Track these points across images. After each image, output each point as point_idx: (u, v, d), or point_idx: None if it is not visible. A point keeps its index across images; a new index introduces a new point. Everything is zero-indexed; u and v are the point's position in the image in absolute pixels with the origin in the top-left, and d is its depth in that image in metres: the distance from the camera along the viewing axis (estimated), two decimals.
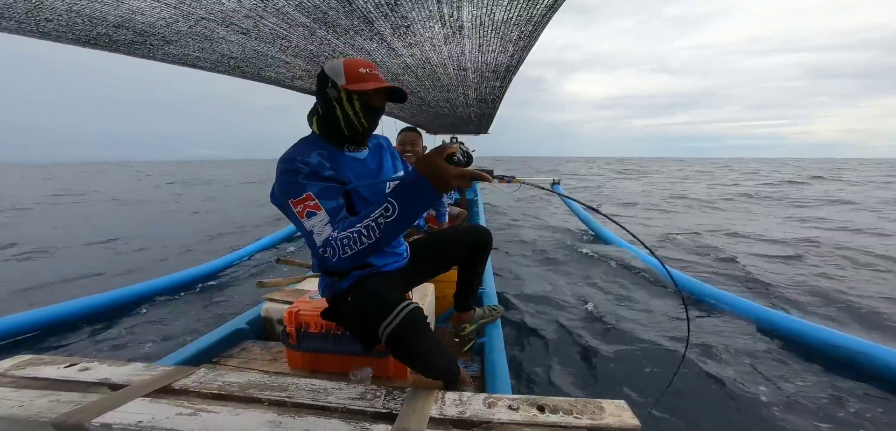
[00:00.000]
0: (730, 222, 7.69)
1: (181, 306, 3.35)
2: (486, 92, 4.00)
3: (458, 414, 0.83)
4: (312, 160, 0.99)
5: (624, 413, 0.81)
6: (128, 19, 1.95)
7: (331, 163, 1.03)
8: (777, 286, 3.76)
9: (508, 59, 2.83)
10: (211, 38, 2.27)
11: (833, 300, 3.40)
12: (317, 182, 0.98)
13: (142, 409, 0.82)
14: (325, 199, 0.96)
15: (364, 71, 1.03)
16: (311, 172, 0.97)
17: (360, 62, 1.05)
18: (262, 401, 0.89)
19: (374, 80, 1.03)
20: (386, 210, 0.90)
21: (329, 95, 1.04)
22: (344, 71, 1.01)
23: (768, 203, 10.62)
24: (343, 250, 0.92)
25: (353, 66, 1.02)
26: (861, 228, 6.81)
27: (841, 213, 8.71)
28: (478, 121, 6.61)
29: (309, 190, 0.96)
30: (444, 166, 0.88)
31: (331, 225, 0.95)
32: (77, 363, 1.04)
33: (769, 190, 14.21)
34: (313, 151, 1.01)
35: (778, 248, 5.39)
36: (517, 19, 2.06)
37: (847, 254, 4.99)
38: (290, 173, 0.97)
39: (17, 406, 0.82)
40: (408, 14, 2.01)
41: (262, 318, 1.81)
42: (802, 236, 6.11)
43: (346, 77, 1.01)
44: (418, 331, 0.95)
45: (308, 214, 0.95)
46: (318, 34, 2.27)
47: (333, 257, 0.94)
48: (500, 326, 1.71)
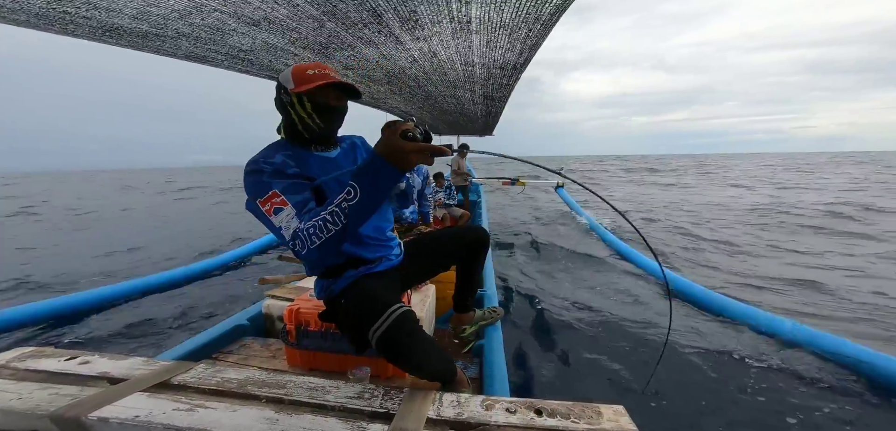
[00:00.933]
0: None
1: (181, 300, 3.38)
2: (493, 89, 3.99)
3: (456, 416, 0.82)
4: (276, 160, 1.01)
5: (621, 418, 0.79)
6: (144, 11, 1.97)
7: (296, 162, 1.04)
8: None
9: (516, 57, 2.82)
10: (222, 29, 2.28)
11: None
12: (281, 180, 0.99)
13: (139, 404, 0.82)
14: (290, 194, 0.97)
15: (311, 72, 1.04)
16: (274, 170, 0.99)
17: (309, 65, 1.06)
18: (259, 398, 0.89)
19: (320, 78, 1.02)
20: (348, 194, 0.88)
21: (283, 100, 1.07)
22: (292, 76, 1.04)
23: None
24: (310, 240, 0.90)
25: (300, 69, 1.05)
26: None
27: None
28: (484, 120, 6.60)
29: (274, 188, 0.97)
30: (400, 142, 0.85)
31: (298, 218, 0.94)
32: (77, 356, 1.04)
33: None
34: (277, 153, 1.04)
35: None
36: (526, 17, 2.05)
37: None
38: (255, 173, 1.00)
39: (16, 399, 0.82)
40: (417, 8, 2.01)
41: (263, 314, 1.81)
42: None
43: (293, 81, 1.04)
44: (408, 334, 0.94)
45: (275, 210, 0.95)
46: (327, 26, 2.28)
47: (303, 249, 0.92)
48: (499, 328, 1.70)
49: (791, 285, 3.79)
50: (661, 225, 7.30)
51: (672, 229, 6.86)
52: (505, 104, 4.95)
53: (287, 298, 1.80)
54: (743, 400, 1.99)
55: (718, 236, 6.24)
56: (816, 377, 2.17)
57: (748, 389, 2.07)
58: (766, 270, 4.34)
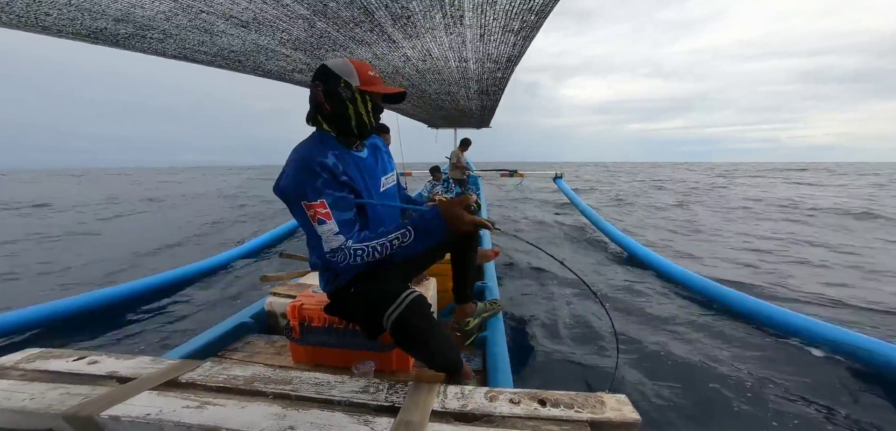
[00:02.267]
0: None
1: (184, 300, 3.39)
2: (487, 83, 3.97)
3: (460, 408, 0.84)
4: (328, 162, 1.01)
5: (625, 407, 0.81)
6: (128, 13, 1.94)
7: (343, 164, 1.06)
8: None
9: (510, 49, 2.80)
10: (211, 31, 2.26)
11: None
12: (332, 191, 1.01)
13: (150, 402, 0.84)
14: (337, 210, 1.00)
15: (372, 74, 1.09)
16: (328, 178, 1.00)
17: (367, 65, 1.10)
18: (266, 394, 0.91)
19: (381, 83, 1.10)
20: (403, 236, 1.02)
21: (342, 94, 1.06)
22: (357, 73, 1.06)
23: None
24: (354, 259, 1.00)
25: (363, 68, 1.08)
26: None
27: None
28: (480, 114, 6.59)
29: (323, 198, 0.99)
30: (463, 213, 1.04)
31: (342, 235, 1.00)
32: (85, 357, 1.05)
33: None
34: (329, 151, 1.04)
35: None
36: (519, 8, 2.04)
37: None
38: (308, 173, 0.99)
39: (29, 399, 0.83)
40: (408, 4, 2.00)
41: (266, 312, 1.82)
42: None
43: (360, 78, 1.06)
44: (422, 318, 1.00)
45: (319, 220, 0.99)
46: (317, 26, 2.26)
47: (342, 262, 1.00)
48: (502, 319, 1.72)
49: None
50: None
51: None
52: (500, 98, 4.93)
53: (289, 295, 1.81)
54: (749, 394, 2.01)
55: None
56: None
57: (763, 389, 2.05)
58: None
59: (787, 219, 7.80)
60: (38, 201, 12.62)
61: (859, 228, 6.81)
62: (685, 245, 5.57)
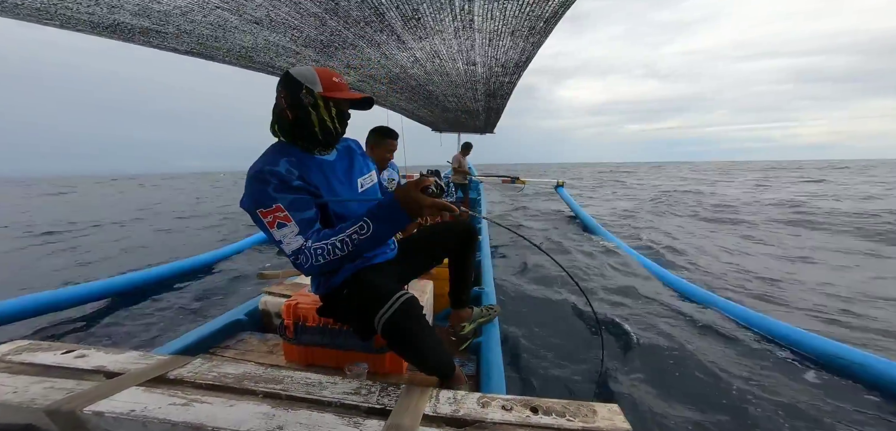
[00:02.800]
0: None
1: (178, 294, 3.38)
2: (494, 87, 3.98)
3: (452, 413, 0.82)
4: (280, 169, 0.99)
5: (616, 417, 0.80)
6: (145, 7, 1.95)
7: (299, 169, 1.03)
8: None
9: (518, 55, 2.80)
10: (224, 27, 2.27)
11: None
12: (286, 194, 0.99)
13: (135, 398, 0.82)
14: (294, 210, 0.98)
15: (337, 80, 1.08)
16: (279, 182, 0.98)
17: (331, 71, 1.09)
18: (256, 393, 0.89)
19: (346, 89, 1.09)
20: (361, 228, 0.98)
21: (303, 100, 1.04)
22: (320, 79, 1.05)
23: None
24: (316, 259, 0.98)
25: (326, 74, 1.06)
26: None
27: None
28: (485, 118, 6.59)
29: (278, 202, 0.97)
30: (420, 196, 0.98)
31: (302, 236, 0.98)
32: (73, 350, 1.04)
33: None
34: (281, 159, 1.02)
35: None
36: (529, 15, 2.04)
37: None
38: (259, 182, 0.98)
39: (11, 392, 0.82)
40: (419, 5, 2.00)
41: (260, 310, 1.81)
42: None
43: (322, 84, 1.05)
44: (414, 319, 0.98)
45: (278, 224, 0.97)
46: (329, 25, 2.27)
47: (306, 264, 0.98)
48: (497, 325, 1.70)
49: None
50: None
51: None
52: (506, 103, 4.94)
53: (284, 294, 1.80)
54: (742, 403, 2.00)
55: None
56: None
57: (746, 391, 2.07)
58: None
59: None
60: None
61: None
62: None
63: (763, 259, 4.98)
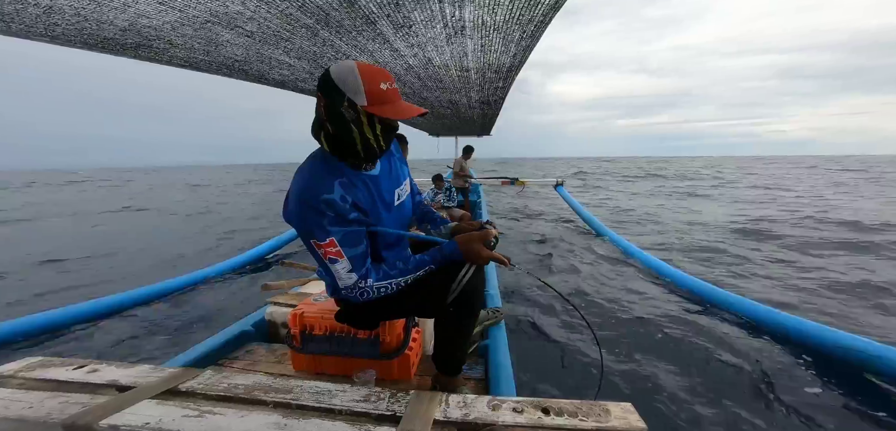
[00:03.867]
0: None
1: (184, 307, 3.38)
2: (488, 93, 4.01)
3: (463, 417, 0.82)
4: (335, 198, 0.93)
5: (630, 416, 0.80)
6: (134, 22, 1.98)
7: (351, 193, 0.97)
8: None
9: (510, 59, 2.83)
10: (216, 41, 2.29)
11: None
12: (341, 227, 0.95)
13: (149, 411, 0.83)
14: (347, 246, 0.96)
15: (385, 87, 0.92)
16: (335, 215, 0.93)
17: (378, 74, 0.92)
18: (267, 403, 0.90)
19: (396, 99, 0.94)
20: (428, 272, 1.04)
21: (345, 115, 0.91)
22: (364, 89, 0.89)
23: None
24: (377, 294, 1.01)
25: (372, 81, 0.90)
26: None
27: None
28: (481, 123, 6.63)
29: (332, 236, 0.94)
30: (482, 249, 1.02)
31: (355, 273, 0.98)
32: (85, 365, 1.05)
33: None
34: (334, 182, 0.95)
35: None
36: (519, 19, 2.06)
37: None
38: (313, 212, 0.92)
39: (28, 408, 0.83)
40: (410, 14, 2.03)
41: (267, 321, 1.82)
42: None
43: (367, 97, 0.90)
44: (481, 286, 1.07)
45: (330, 259, 0.96)
46: (320, 35, 2.29)
47: (362, 297, 1.01)
48: (504, 328, 1.71)
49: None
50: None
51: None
52: (501, 106, 4.97)
53: (289, 303, 1.81)
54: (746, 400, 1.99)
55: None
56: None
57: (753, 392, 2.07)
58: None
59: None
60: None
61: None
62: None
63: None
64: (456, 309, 1.02)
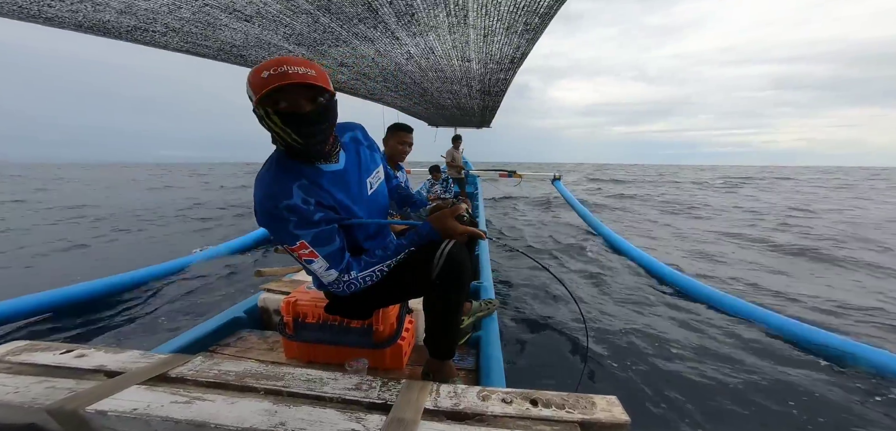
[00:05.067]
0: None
1: (176, 292, 3.36)
2: (490, 83, 3.97)
3: (453, 406, 0.83)
4: (296, 202, 0.90)
5: (614, 409, 0.81)
6: (130, 5, 1.93)
7: (314, 194, 0.94)
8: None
9: (513, 50, 2.80)
10: (214, 24, 2.24)
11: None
12: (307, 229, 0.93)
13: (137, 396, 0.82)
14: (319, 245, 0.95)
15: (266, 74, 0.81)
16: (298, 220, 0.91)
17: (267, 64, 0.83)
18: (257, 390, 0.90)
19: (275, 78, 0.81)
20: (407, 254, 1.05)
21: (258, 115, 0.88)
22: (251, 85, 0.83)
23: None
24: (363, 283, 1.03)
25: (256, 74, 0.82)
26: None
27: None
28: (481, 114, 6.58)
29: (302, 239, 0.93)
30: (454, 224, 1.05)
31: (334, 269, 0.98)
32: (73, 350, 1.04)
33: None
34: (293, 186, 0.91)
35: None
36: (524, 9, 2.03)
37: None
38: (278, 221, 0.90)
39: (13, 392, 0.82)
40: (413, 1, 1.99)
41: (259, 307, 1.81)
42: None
43: (255, 91, 0.83)
44: (465, 254, 1.05)
45: (306, 261, 0.97)
46: (321, 21, 2.25)
47: (349, 290, 1.02)
48: (496, 319, 1.71)
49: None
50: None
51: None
52: (502, 98, 4.93)
53: (283, 291, 1.80)
54: (735, 393, 2.03)
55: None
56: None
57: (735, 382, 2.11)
58: None
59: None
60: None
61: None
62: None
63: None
64: (441, 282, 1.01)
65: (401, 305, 1.40)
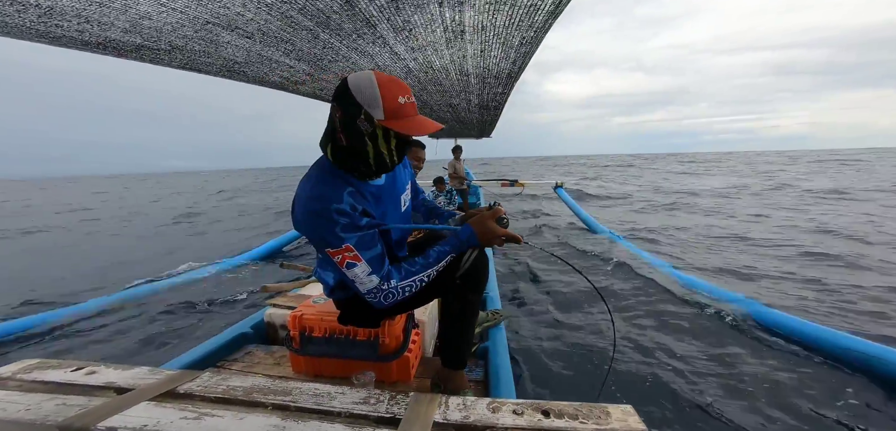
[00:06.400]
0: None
1: (183, 309, 3.37)
2: (488, 98, 4.02)
3: (462, 419, 0.82)
4: (345, 207, 0.93)
5: (630, 418, 0.80)
6: (135, 25, 1.98)
7: (361, 203, 0.97)
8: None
9: (510, 65, 2.84)
10: (216, 42, 2.29)
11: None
12: (354, 233, 0.94)
13: (147, 413, 0.82)
14: (364, 249, 0.95)
15: (403, 101, 0.91)
16: (347, 223, 0.93)
17: (396, 87, 0.91)
18: (265, 405, 0.89)
19: (413, 113, 0.93)
20: (447, 261, 1.04)
21: (361, 128, 0.91)
22: (382, 103, 0.89)
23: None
24: (403, 295, 1.01)
25: (390, 94, 0.89)
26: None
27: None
28: (480, 126, 6.64)
29: (347, 242, 0.93)
30: (494, 226, 1.04)
31: (375, 275, 0.97)
32: (83, 367, 1.04)
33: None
34: (343, 192, 0.94)
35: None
36: (519, 24, 2.07)
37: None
38: (325, 221, 0.92)
39: (24, 410, 0.82)
40: (410, 17, 2.03)
41: (265, 323, 1.81)
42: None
43: (384, 111, 0.89)
44: (486, 263, 1.10)
45: (348, 264, 0.95)
46: (321, 37, 2.30)
47: (389, 301, 1.00)
48: (503, 329, 1.70)
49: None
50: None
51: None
52: (501, 112, 4.98)
53: (289, 305, 1.81)
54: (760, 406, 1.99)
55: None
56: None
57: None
58: None
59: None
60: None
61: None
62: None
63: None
64: (463, 281, 1.05)
65: (407, 316, 1.40)
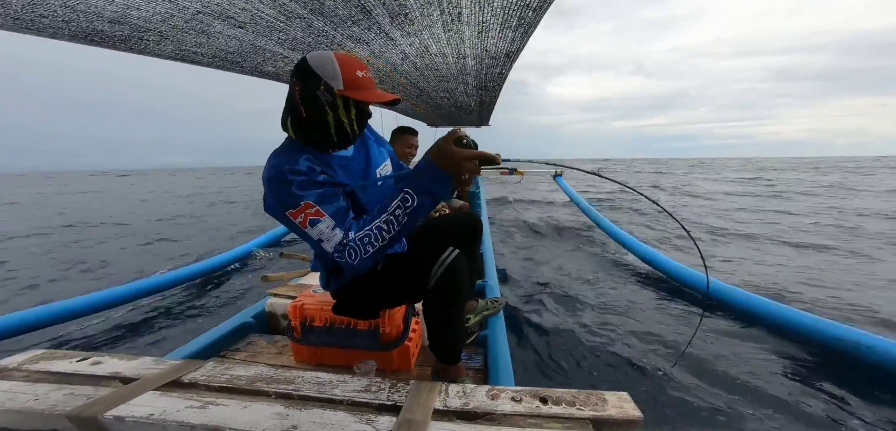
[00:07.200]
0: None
1: (186, 300, 3.39)
2: (486, 79, 3.97)
3: (462, 406, 0.84)
4: (301, 167, 0.93)
5: (626, 405, 0.82)
6: (123, 15, 1.94)
7: (321, 166, 0.97)
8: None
9: (508, 45, 2.80)
10: (207, 32, 2.25)
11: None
12: (312, 189, 0.93)
13: (153, 402, 0.84)
14: (325, 204, 0.93)
15: (361, 75, 0.96)
16: (304, 181, 0.92)
17: (355, 62, 0.96)
18: (269, 394, 0.91)
19: (371, 85, 0.98)
20: (404, 201, 0.89)
21: (321, 98, 0.94)
22: (341, 74, 0.94)
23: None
24: (364, 250, 0.92)
25: (348, 67, 0.94)
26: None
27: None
28: (479, 111, 6.58)
29: (305, 198, 0.92)
30: (455, 149, 0.87)
31: (339, 229, 0.92)
32: (89, 358, 1.06)
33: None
34: (299, 157, 0.95)
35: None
36: (517, 4, 2.03)
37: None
38: (281, 184, 0.92)
39: (33, 400, 0.84)
40: (406, 1, 2.00)
41: (267, 312, 1.83)
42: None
43: (344, 82, 0.94)
44: (464, 271, 1.03)
45: (311, 222, 0.92)
46: (315, 25, 2.26)
47: (354, 259, 0.92)
48: (502, 318, 1.72)
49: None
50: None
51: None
52: (498, 94, 4.92)
53: (289, 295, 1.82)
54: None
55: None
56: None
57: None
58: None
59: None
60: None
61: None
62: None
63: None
64: (437, 295, 1.00)
65: (407, 306, 1.41)
